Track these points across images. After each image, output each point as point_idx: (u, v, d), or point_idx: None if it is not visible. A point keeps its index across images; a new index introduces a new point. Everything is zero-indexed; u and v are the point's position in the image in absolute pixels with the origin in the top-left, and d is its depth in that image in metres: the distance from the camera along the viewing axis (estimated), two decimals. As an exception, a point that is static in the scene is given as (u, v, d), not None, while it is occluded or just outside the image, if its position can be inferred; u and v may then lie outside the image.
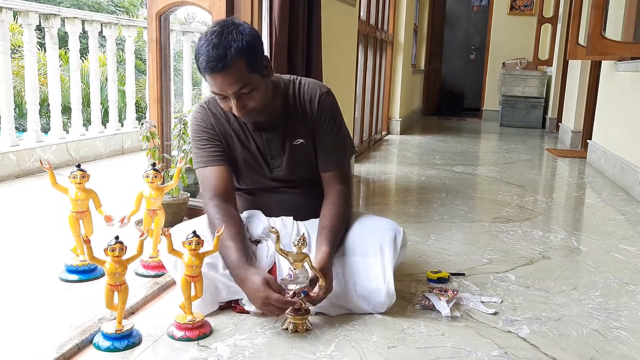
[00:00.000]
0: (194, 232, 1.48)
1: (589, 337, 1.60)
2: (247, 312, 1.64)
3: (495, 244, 2.46)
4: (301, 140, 1.76)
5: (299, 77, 1.81)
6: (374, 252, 1.68)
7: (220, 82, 1.56)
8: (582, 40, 5.07)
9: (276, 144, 1.76)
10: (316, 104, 1.75)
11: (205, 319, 1.55)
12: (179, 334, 1.48)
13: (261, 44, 1.63)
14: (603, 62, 4.87)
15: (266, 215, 1.79)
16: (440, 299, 1.74)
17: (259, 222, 1.76)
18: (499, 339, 1.57)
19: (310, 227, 1.78)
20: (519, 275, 2.07)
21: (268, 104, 1.67)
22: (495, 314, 1.72)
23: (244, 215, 1.79)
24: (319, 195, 1.80)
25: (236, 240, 1.59)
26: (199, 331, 1.50)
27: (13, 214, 2.71)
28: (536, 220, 2.92)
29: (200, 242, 1.48)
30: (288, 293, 1.51)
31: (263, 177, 1.79)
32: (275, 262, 1.68)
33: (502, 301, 1.82)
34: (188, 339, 1.48)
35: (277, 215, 1.80)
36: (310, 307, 1.60)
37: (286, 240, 1.69)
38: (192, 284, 1.50)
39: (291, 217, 1.80)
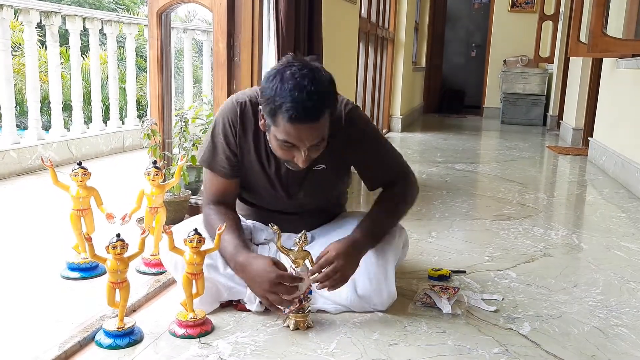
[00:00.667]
0: (195, 230, 1.48)
1: (590, 335, 1.60)
2: (249, 310, 1.64)
3: (496, 242, 2.46)
4: (322, 166, 1.64)
5: None
6: (374, 251, 1.67)
7: (305, 134, 1.42)
8: (583, 37, 5.06)
9: (299, 172, 1.62)
10: (349, 122, 1.61)
11: (207, 316, 1.55)
12: (181, 331, 1.49)
13: (335, 86, 1.51)
14: (604, 59, 4.86)
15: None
16: (441, 297, 1.75)
17: (262, 229, 1.76)
18: (499, 336, 1.57)
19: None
20: (520, 273, 2.07)
21: None
22: (496, 311, 1.72)
23: (248, 223, 1.78)
24: (332, 217, 1.81)
25: (231, 232, 1.56)
26: (200, 329, 1.50)
27: (14, 211, 2.72)
28: (537, 218, 2.91)
29: (201, 240, 1.48)
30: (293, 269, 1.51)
31: (278, 200, 1.71)
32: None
33: (503, 299, 1.82)
34: (189, 337, 1.48)
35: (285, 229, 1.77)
36: (311, 305, 1.60)
37: (288, 242, 1.66)
38: (194, 281, 1.50)
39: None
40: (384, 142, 1.74)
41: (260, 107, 1.50)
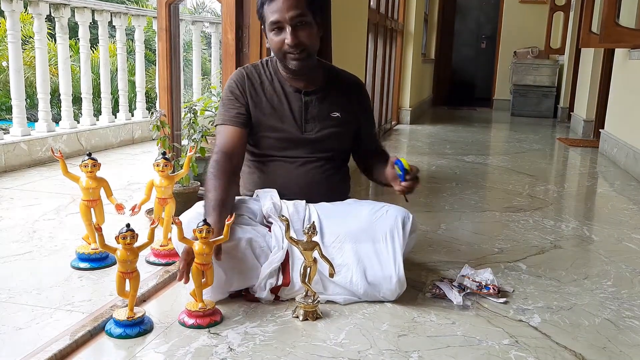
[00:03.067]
0: (205, 220, 1.48)
1: (601, 327, 1.59)
2: (258, 300, 1.64)
3: (506, 234, 2.44)
4: (337, 114, 1.88)
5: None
6: (383, 238, 1.68)
7: (281, 5, 1.70)
8: (595, 28, 5.00)
9: (313, 109, 1.86)
10: (361, 90, 2.00)
11: (216, 306, 1.55)
12: (190, 321, 1.49)
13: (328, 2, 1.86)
14: (616, 50, 4.81)
15: (281, 189, 1.82)
16: (452, 288, 1.74)
17: (269, 199, 1.78)
18: (510, 327, 1.56)
19: (322, 212, 1.78)
20: (530, 265, 2.06)
21: (314, 52, 1.81)
22: (506, 303, 1.72)
23: (259, 191, 1.84)
24: (336, 177, 1.89)
25: (217, 206, 1.62)
26: (209, 319, 1.50)
27: (25, 203, 2.73)
28: (547, 210, 2.90)
29: (210, 230, 1.48)
30: None
31: (290, 140, 1.85)
32: (288, 251, 1.68)
33: (513, 290, 1.81)
34: (199, 327, 1.48)
35: (291, 189, 1.82)
36: (320, 296, 1.60)
37: (297, 225, 1.72)
38: (203, 272, 1.50)
39: (303, 201, 1.80)
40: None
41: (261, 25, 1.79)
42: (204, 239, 1.48)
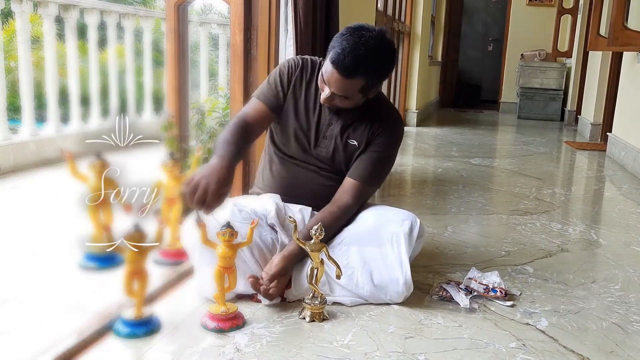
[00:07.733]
0: (228, 224, 1.48)
1: (608, 331, 1.58)
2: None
3: (513, 237, 2.44)
4: (355, 143, 1.80)
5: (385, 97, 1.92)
6: (390, 241, 1.68)
7: (333, 79, 1.63)
8: (603, 31, 4.99)
9: (334, 129, 1.79)
10: (388, 124, 1.81)
11: (239, 310, 1.54)
12: (212, 324, 1.49)
13: (388, 73, 1.73)
14: (624, 53, 4.78)
15: (288, 192, 1.81)
16: (459, 291, 1.74)
17: (273, 204, 1.76)
18: (516, 331, 1.56)
19: None
20: (537, 268, 2.06)
21: (351, 108, 1.75)
22: (513, 306, 1.71)
23: (264, 196, 1.82)
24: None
25: (233, 141, 1.62)
26: (231, 322, 1.49)
27: (34, 202, 2.75)
28: (554, 213, 2.89)
29: (234, 234, 1.47)
30: None
31: (303, 149, 1.82)
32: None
33: (520, 294, 1.81)
34: (221, 330, 1.47)
35: (298, 193, 1.81)
36: (327, 297, 1.61)
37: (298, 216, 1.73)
38: (226, 275, 1.50)
39: (310, 208, 1.80)
40: (386, 165, 1.86)
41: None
42: (227, 242, 1.48)
